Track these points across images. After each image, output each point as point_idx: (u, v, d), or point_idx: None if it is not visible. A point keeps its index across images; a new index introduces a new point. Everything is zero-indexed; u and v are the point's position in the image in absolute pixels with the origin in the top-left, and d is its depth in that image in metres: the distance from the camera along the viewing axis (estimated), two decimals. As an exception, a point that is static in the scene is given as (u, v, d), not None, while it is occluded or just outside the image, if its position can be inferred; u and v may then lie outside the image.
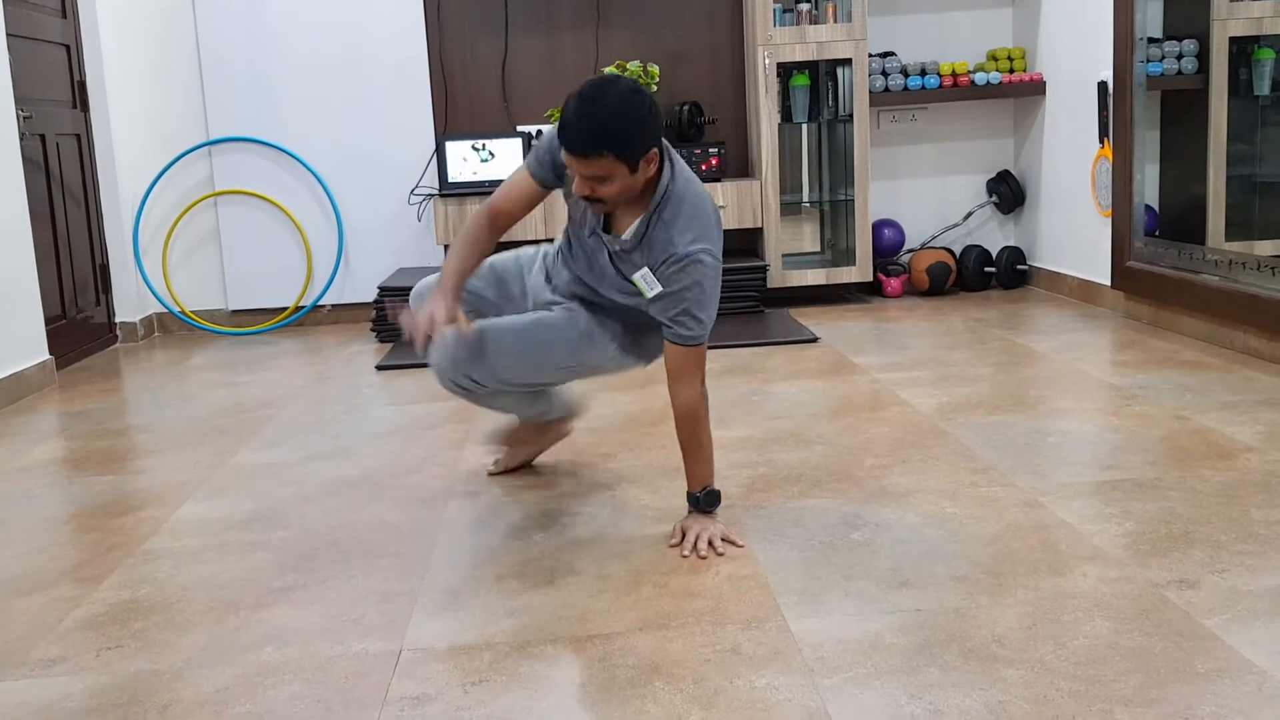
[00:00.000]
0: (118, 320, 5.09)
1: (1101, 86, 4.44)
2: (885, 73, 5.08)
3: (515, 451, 2.80)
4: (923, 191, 5.48)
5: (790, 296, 5.09)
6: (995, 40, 5.38)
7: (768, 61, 4.85)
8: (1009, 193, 5.34)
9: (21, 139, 4.24)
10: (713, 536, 2.23)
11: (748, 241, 5.29)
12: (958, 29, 5.37)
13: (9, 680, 1.85)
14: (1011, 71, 5.17)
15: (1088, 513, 2.32)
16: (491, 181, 4.91)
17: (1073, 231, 4.89)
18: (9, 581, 2.29)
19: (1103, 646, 1.75)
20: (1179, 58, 4.10)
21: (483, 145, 4.93)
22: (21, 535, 2.56)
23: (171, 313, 5.29)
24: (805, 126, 5.30)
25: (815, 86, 5.16)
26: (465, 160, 4.92)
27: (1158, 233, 4.24)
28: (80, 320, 4.74)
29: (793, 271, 5.01)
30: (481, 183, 4.92)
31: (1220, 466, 2.57)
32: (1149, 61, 4.14)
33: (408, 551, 2.32)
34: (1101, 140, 4.50)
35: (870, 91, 5.02)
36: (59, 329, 4.48)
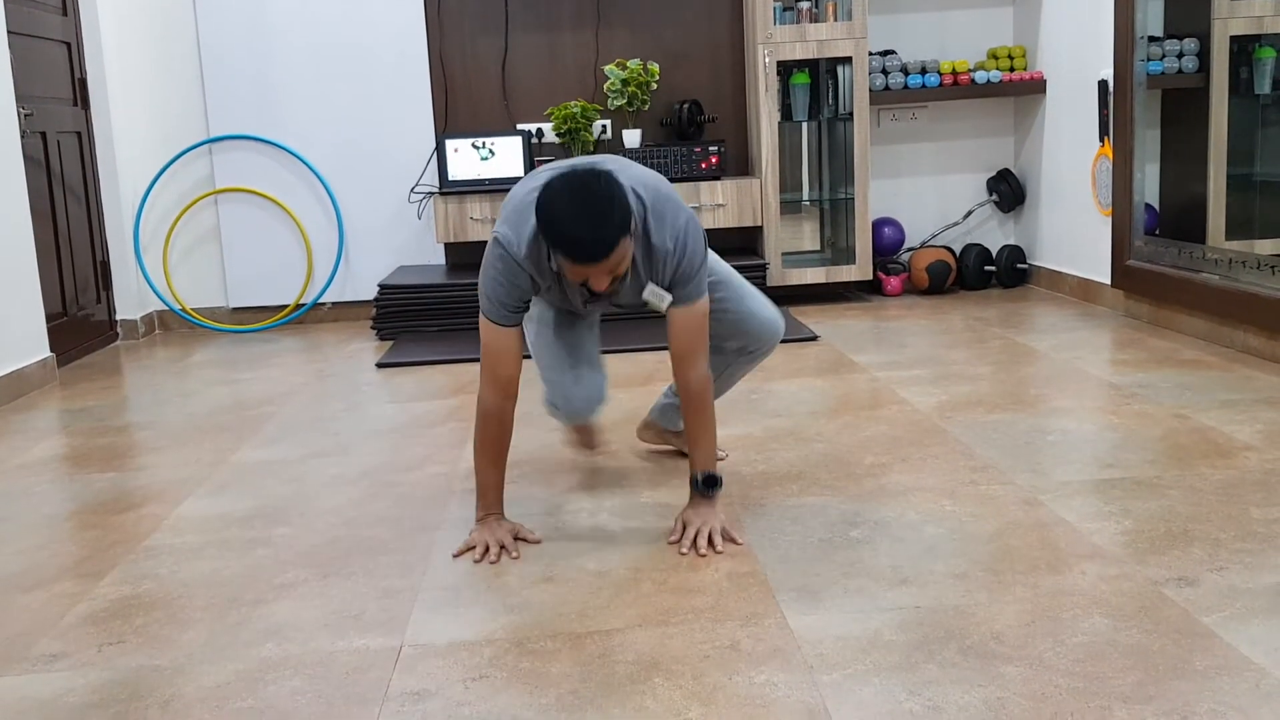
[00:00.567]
0: (118, 317, 5.09)
1: (1102, 85, 4.44)
2: (885, 71, 5.08)
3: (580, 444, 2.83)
4: (923, 190, 5.48)
5: (790, 295, 5.09)
6: (996, 39, 5.39)
7: (768, 60, 4.85)
8: (1009, 191, 5.34)
9: (22, 136, 4.25)
10: (713, 531, 2.24)
11: (747, 240, 5.30)
12: (958, 27, 5.37)
13: (11, 675, 1.86)
14: (1012, 70, 5.17)
15: (1087, 511, 2.33)
16: (492, 180, 4.91)
17: (1073, 230, 4.89)
18: (10, 578, 2.29)
19: (1101, 644, 1.75)
20: (1179, 56, 4.10)
21: (483, 143, 4.93)
22: (23, 532, 2.57)
23: (172, 310, 5.29)
24: (805, 125, 5.30)
25: (815, 85, 5.16)
26: (460, 152, 4.92)
27: (1158, 231, 4.24)
28: (81, 318, 4.74)
29: (792, 270, 5.01)
30: (482, 181, 4.92)
31: (1219, 465, 2.57)
32: (1149, 60, 4.14)
33: (408, 548, 2.32)
34: (1102, 139, 4.50)
35: (870, 90, 5.02)
36: (60, 326, 4.48)
